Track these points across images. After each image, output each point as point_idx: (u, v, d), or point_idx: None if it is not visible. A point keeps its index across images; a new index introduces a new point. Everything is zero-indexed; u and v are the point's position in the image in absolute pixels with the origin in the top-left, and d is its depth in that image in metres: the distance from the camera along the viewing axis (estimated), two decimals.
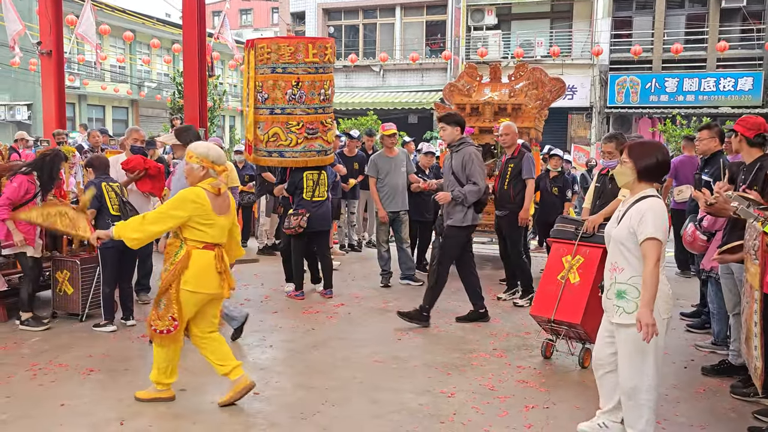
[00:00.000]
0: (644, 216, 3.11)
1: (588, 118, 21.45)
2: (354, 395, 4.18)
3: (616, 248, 3.27)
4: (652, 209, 3.13)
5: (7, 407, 3.90)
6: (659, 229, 3.09)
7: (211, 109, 16.54)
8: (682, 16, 21.05)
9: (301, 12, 24.64)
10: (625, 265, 3.22)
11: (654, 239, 3.07)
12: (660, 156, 3.26)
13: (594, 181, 5.37)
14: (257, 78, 6.50)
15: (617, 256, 3.26)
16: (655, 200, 3.19)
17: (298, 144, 6.51)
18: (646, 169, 3.24)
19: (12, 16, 12.10)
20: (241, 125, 37.07)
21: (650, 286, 3.05)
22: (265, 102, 6.50)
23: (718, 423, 3.88)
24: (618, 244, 3.24)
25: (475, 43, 22.16)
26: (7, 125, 26.63)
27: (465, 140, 5.76)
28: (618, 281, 3.25)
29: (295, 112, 6.49)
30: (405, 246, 7.53)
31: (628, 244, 3.19)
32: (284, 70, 6.44)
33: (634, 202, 3.23)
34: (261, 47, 6.47)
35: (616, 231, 3.26)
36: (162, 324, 3.87)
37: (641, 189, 3.27)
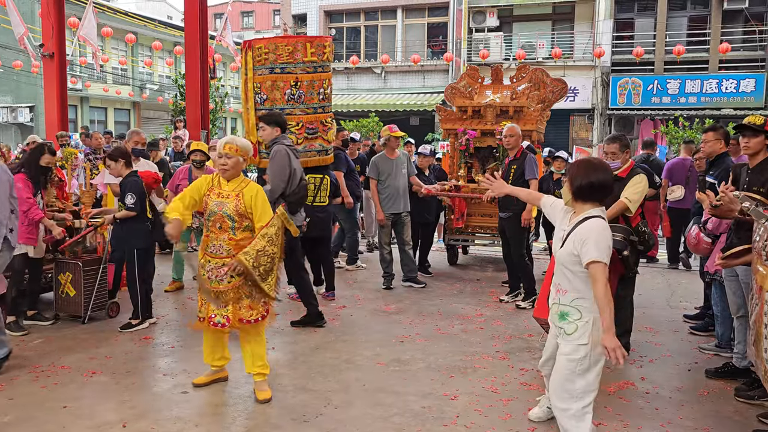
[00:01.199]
0: (586, 240, 3.05)
1: (590, 120, 21.44)
2: (357, 398, 4.17)
3: (560, 269, 3.22)
4: (593, 231, 3.06)
5: (9, 409, 3.90)
6: (603, 251, 3.03)
7: (212, 111, 16.56)
8: (684, 18, 21.03)
9: (303, 14, 24.65)
10: (569, 287, 3.19)
11: (599, 262, 3.01)
12: (596, 178, 3.13)
13: None
14: (255, 79, 6.47)
15: (561, 278, 3.23)
16: (596, 222, 3.11)
17: (298, 144, 6.43)
18: (580, 190, 3.17)
19: (15, 19, 12.13)
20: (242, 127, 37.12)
21: (605, 307, 2.98)
22: (264, 103, 6.46)
23: (722, 426, 3.86)
24: (562, 266, 3.20)
25: (476, 44, 22.17)
26: (9, 127, 26.69)
27: (278, 140, 5.54)
28: (561, 303, 3.23)
29: (295, 112, 6.44)
30: (407, 248, 7.52)
31: (571, 267, 3.14)
32: (282, 70, 6.40)
33: (579, 223, 3.15)
34: (258, 48, 6.43)
35: (560, 253, 3.19)
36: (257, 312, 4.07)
37: (583, 209, 3.19)
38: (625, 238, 4.70)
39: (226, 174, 4.02)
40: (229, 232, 3.97)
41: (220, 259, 3.98)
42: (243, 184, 4.07)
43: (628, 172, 4.95)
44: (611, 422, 3.85)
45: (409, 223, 7.51)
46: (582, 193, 3.17)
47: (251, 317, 4.04)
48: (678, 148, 15.06)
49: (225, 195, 3.99)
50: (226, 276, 3.94)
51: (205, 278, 4.02)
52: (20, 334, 5.38)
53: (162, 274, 7.29)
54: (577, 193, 3.18)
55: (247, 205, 3.98)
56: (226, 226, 3.97)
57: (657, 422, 3.87)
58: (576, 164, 3.30)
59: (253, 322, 4.05)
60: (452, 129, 8.73)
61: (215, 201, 3.99)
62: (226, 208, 3.95)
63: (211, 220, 4.01)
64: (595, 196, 3.17)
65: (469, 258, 9.67)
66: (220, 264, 3.96)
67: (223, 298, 3.99)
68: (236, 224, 3.97)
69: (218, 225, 3.97)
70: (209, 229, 4.03)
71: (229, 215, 3.95)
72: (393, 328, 5.81)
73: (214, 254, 4.01)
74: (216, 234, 3.99)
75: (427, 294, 7.18)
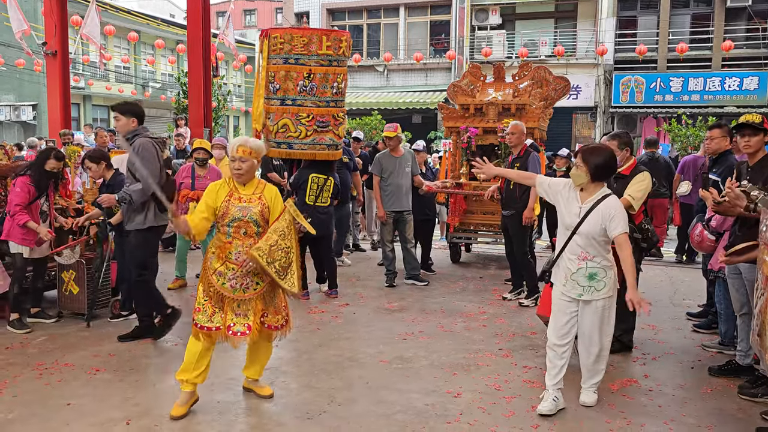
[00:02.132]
0: (614, 216, 3.71)
1: (592, 118, 21.42)
2: (360, 395, 4.18)
3: (587, 240, 3.78)
4: (618, 208, 3.76)
5: (13, 406, 3.91)
6: (627, 223, 3.77)
7: (215, 109, 16.57)
8: (687, 16, 20.98)
9: (305, 12, 24.65)
10: (596, 252, 3.80)
11: (626, 233, 3.72)
12: (607, 157, 3.79)
13: None
14: (269, 68, 6.42)
15: (588, 247, 3.80)
16: (615, 199, 3.82)
17: (307, 136, 6.41)
18: (597, 170, 3.76)
19: (16, 15, 12.15)
20: (246, 123, 37.16)
21: (631, 269, 3.70)
22: (277, 92, 6.41)
23: (726, 423, 3.86)
24: (590, 237, 3.77)
25: (479, 42, 22.15)
26: (12, 125, 26.73)
27: (139, 132, 5.15)
28: (589, 267, 3.81)
29: (306, 104, 6.40)
30: (409, 246, 7.52)
31: (598, 237, 3.76)
32: (296, 61, 6.36)
33: (598, 201, 3.77)
34: (274, 37, 6.39)
35: (588, 227, 3.76)
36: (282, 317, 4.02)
37: (597, 188, 3.82)
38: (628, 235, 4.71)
39: (241, 178, 3.84)
40: (255, 238, 3.80)
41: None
42: (261, 186, 3.93)
43: (631, 170, 4.95)
44: (614, 419, 3.84)
45: (411, 221, 7.51)
46: (599, 173, 3.77)
47: (278, 323, 3.94)
48: (683, 145, 15.06)
49: (247, 199, 3.82)
50: (252, 283, 3.80)
51: (227, 287, 3.79)
52: (23, 331, 5.39)
53: (165, 272, 7.29)
54: (596, 173, 3.76)
55: (271, 207, 3.86)
56: (252, 231, 3.79)
57: (660, 420, 3.87)
58: (586, 150, 3.83)
59: (280, 328, 3.95)
60: (455, 127, 8.73)
61: (237, 206, 3.79)
62: (252, 213, 3.78)
63: (233, 226, 3.79)
64: (607, 175, 3.86)
65: (472, 256, 9.66)
66: (246, 272, 3.78)
67: (246, 307, 3.83)
68: (261, 229, 3.81)
69: (243, 230, 3.78)
70: (231, 236, 3.80)
71: (255, 220, 3.79)
72: (396, 325, 5.81)
73: (240, 261, 3.78)
74: (241, 240, 3.79)
75: (429, 292, 7.19)
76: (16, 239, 5.44)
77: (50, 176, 5.57)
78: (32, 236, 5.48)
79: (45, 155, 5.60)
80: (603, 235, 3.75)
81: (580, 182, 3.80)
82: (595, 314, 3.87)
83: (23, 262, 5.53)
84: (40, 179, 5.48)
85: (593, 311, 3.87)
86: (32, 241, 5.50)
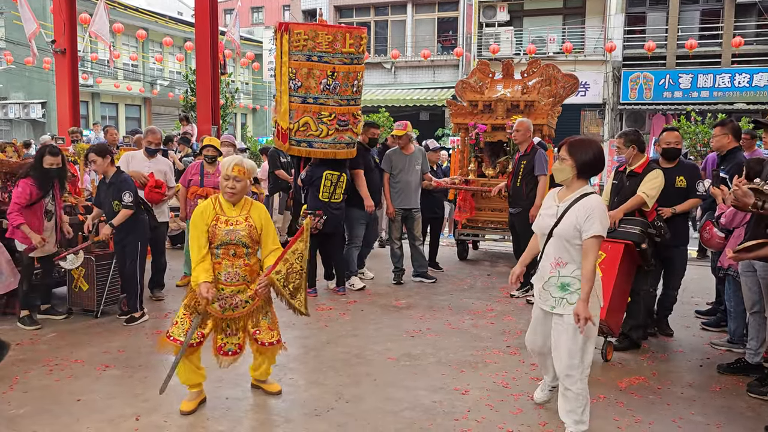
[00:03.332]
0: (592, 214, 3.24)
1: (601, 115, 21.32)
2: (368, 392, 4.19)
3: (560, 244, 3.37)
4: (599, 208, 3.28)
5: (24, 402, 3.94)
6: (604, 227, 3.27)
7: (223, 106, 16.61)
8: (697, 12, 20.85)
9: (313, 9, 24.64)
10: (569, 259, 3.36)
11: (598, 237, 3.24)
12: (596, 152, 3.37)
13: (611, 178, 5.35)
14: (291, 64, 6.29)
15: (561, 252, 3.37)
16: (597, 197, 3.35)
17: (329, 135, 6.37)
18: (584, 165, 3.36)
19: (27, 15, 12.21)
20: (254, 121, 37.20)
21: (590, 281, 3.24)
22: (298, 90, 6.32)
23: (735, 422, 3.84)
24: (563, 240, 3.35)
25: (486, 39, 22.10)
26: (21, 123, 26.89)
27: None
28: (561, 275, 3.38)
29: (328, 102, 6.35)
30: (417, 243, 7.52)
31: (573, 240, 3.31)
32: (320, 58, 6.27)
33: (577, 199, 3.34)
34: (297, 33, 6.25)
35: (561, 228, 3.34)
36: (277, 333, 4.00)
37: (579, 186, 3.40)
38: (642, 231, 4.73)
39: (234, 198, 3.78)
40: (244, 258, 3.79)
41: (236, 286, 3.80)
42: (247, 205, 3.86)
43: (644, 167, 4.97)
44: (623, 417, 3.84)
45: (420, 219, 7.51)
46: (585, 168, 3.37)
47: (273, 339, 3.93)
48: (692, 143, 14.99)
49: (234, 222, 3.76)
50: (241, 303, 3.81)
51: (216, 308, 3.78)
52: (33, 328, 5.44)
53: (173, 268, 7.33)
54: (582, 168, 3.37)
55: (258, 228, 3.81)
56: (241, 252, 3.77)
57: (669, 417, 3.86)
58: (574, 143, 3.43)
59: (275, 344, 3.95)
60: (463, 123, 8.71)
61: (225, 230, 3.73)
62: (239, 235, 3.74)
63: (222, 248, 3.75)
64: (594, 171, 3.41)
65: (480, 253, 9.65)
66: (236, 291, 3.79)
67: (235, 326, 3.86)
68: (249, 250, 3.80)
69: (231, 252, 3.76)
70: (220, 257, 3.76)
71: (243, 242, 3.75)
72: (403, 322, 5.81)
73: (229, 282, 3.78)
74: (230, 261, 3.76)
75: (437, 289, 7.19)
76: (18, 238, 5.46)
77: (52, 174, 5.54)
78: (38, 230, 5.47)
79: (40, 154, 5.56)
80: (578, 239, 3.30)
81: (564, 177, 3.41)
82: (566, 332, 3.36)
83: (29, 259, 5.56)
84: (42, 179, 5.47)
85: (564, 328, 3.38)
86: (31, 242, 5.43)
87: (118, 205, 5.51)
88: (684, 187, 5.12)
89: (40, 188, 5.47)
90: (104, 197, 5.64)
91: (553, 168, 3.51)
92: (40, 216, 5.51)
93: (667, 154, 5.20)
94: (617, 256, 4.68)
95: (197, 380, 3.92)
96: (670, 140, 5.17)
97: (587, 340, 3.37)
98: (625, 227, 4.80)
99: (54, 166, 5.54)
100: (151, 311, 5.95)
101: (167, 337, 3.78)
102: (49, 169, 5.51)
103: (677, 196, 5.11)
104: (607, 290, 4.62)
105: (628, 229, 4.79)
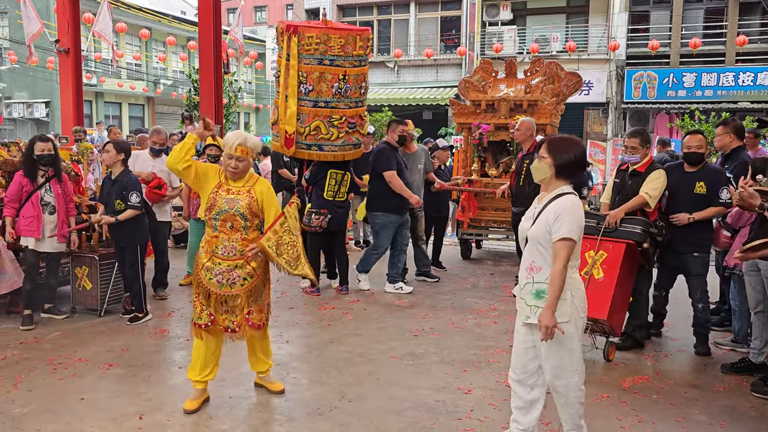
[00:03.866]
0: (561, 215, 2.99)
1: (604, 114, 21.28)
2: (370, 391, 4.19)
3: (534, 247, 3.11)
4: (569, 209, 3.01)
5: (28, 400, 3.95)
6: (574, 229, 2.98)
7: (226, 105, 16.63)
8: (701, 10, 20.80)
9: (316, 8, 24.62)
10: (543, 264, 3.07)
11: (567, 239, 2.96)
12: (578, 152, 3.12)
13: (613, 177, 5.33)
14: (301, 68, 6.20)
15: (535, 255, 3.11)
16: (572, 198, 3.08)
17: (339, 138, 6.33)
18: (564, 166, 3.11)
19: (31, 15, 12.22)
20: (258, 120, 37.20)
21: (556, 287, 2.96)
22: (309, 94, 6.23)
23: (738, 421, 3.83)
24: (536, 243, 3.10)
25: (490, 38, 22.07)
26: (25, 122, 26.94)
27: None
28: (536, 281, 3.09)
29: (339, 106, 6.30)
30: (420, 242, 7.52)
31: (546, 243, 3.05)
32: (332, 62, 6.21)
33: (552, 200, 3.10)
34: (309, 36, 6.16)
35: (533, 230, 3.11)
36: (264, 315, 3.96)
37: (557, 186, 3.14)
38: (644, 230, 4.72)
39: (235, 176, 3.78)
40: (242, 232, 3.73)
41: (233, 261, 3.73)
42: (252, 179, 3.84)
43: (647, 167, 4.96)
44: (626, 417, 3.83)
45: (422, 218, 7.51)
46: (564, 169, 3.12)
47: (261, 321, 3.90)
48: None
49: (235, 191, 3.74)
50: (239, 279, 3.76)
51: (214, 283, 3.76)
52: (27, 328, 5.39)
53: (177, 267, 7.33)
54: (560, 169, 3.11)
55: (260, 201, 3.78)
56: (239, 225, 3.71)
57: (672, 417, 3.85)
58: (554, 141, 3.19)
59: (262, 326, 3.92)
60: (466, 123, 8.70)
61: (225, 198, 3.71)
62: (239, 205, 3.70)
63: (220, 219, 3.71)
64: (574, 172, 3.14)
65: (483, 252, 9.65)
66: (233, 267, 3.73)
67: (233, 303, 3.80)
68: (248, 223, 3.74)
69: (229, 224, 3.70)
70: (218, 229, 3.73)
71: (242, 213, 3.70)
72: (406, 322, 5.81)
73: (226, 256, 3.73)
74: (227, 234, 3.72)
75: (440, 288, 7.18)
76: (21, 231, 5.43)
77: (42, 161, 5.45)
78: (36, 226, 5.42)
79: (30, 144, 5.51)
80: (549, 241, 3.04)
81: (541, 177, 3.20)
82: (549, 343, 3.03)
83: (35, 257, 5.55)
84: (30, 167, 5.42)
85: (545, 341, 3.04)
86: (36, 231, 5.42)
87: (121, 204, 5.50)
88: (703, 194, 4.89)
89: (28, 176, 5.41)
90: (107, 195, 5.65)
91: (531, 166, 3.32)
92: (38, 209, 5.43)
93: (688, 159, 5.00)
94: (619, 255, 4.67)
95: (203, 377, 3.89)
96: (692, 144, 4.98)
97: (571, 351, 3.06)
98: (626, 227, 4.79)
99: (45, 152, 5.44)
100: (154, 310, 5.96)
101: (192, 323, 3.87)
102: (39, 156, 5.42)
103: (696, 202, 4.90)
104: (609, 290, 4.62)
105: (629, 228, 4.78)
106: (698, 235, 4.96)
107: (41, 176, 5.51)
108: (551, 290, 2.96)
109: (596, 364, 4.74)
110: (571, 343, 3.05)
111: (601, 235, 4.76)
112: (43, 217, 5.47)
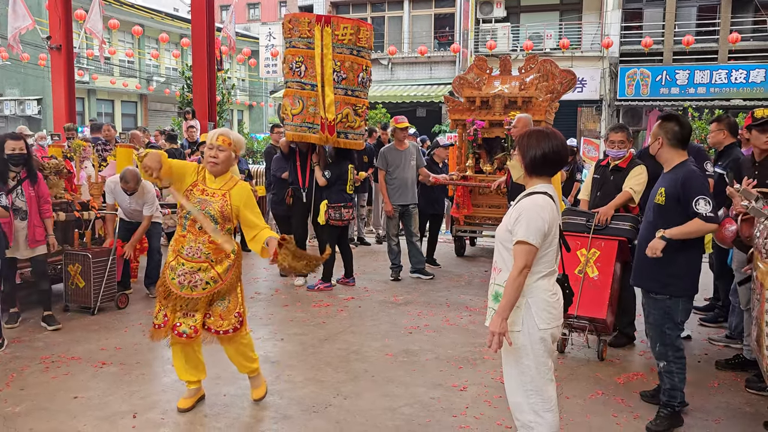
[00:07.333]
0: (520, 216, 2.74)
1: (597, 111, 21.32)
2: (366, 389, 4.18)
3: (497, 247, 2.91)
4: (529, 209, 2.73)
5: (21, 399, 3.93)
6: (531, 232, 2.68)
7: (219, 103, 16.54)
8: (694, 8, 20.85)
9: (309, 5, 24.58)
10: (503, 266, 2.86)
11: (524, 243, 2.70)
12: (549, 147, 2.78)
13: (592, 172, 5.30)
14: (335, 56, 6.43)
15: (497, 256, 2.91)
16: (537, 198, 2.77)
17: (360, 126, 6.64)
18: (533, 162, 2.82)
19: (20, 10, 12.13)
20: (251, 117, 37.10)
21: (509, 292, 2.72)
22: (342, 82, 6.48)
23: (733, 417, 3.85)
24: (498, 243, 2.88)
25: (483, 35, 22.05)
26: (17, 120, 26.78)
27: None
28: (496, 283, 2.90)
29: (361, 95, 6.63)
30: (415, 239, 7.52)
31: (507, 244, 2.82)
32: (358, 53, 6.54)
33: (521, 199, 2.85)
34: (344, 27, 6.43)
35: (498, 229, 2.91)
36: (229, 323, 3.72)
37: (533, 183, 2.86)
38: (633, 226, 4.73)
39: (215, 168, 3.60)
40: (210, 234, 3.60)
41: (197, 263, 3.58)
42: (231, 183, 3.67)
43: (628, 162, 4.99)
44: (621, 413, 3.84)
45: (416, 215, 7.51)
46: (534, 166, 2.83)
47: (221, 328, 3.67)
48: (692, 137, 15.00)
49: (210, 193, 3.59)
50: (202, 282, 3.60)
51: (175, 283, 3.61)
52: (11, 326, 5.32)
53: None
54: (530, 165, 2.84)
55: (234, 207, 3.60)
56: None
57: None
58: (527, 134, 2.89)
59: (222, 334, 3.68)
60: (460, 120, 8.69)
61: (198, 198, 3.56)
62: (210, 207, 3.55)
63: (190, 219, 3.58)
64: (548, 169, 2.84)
65: (477, 249, 9.65)
66: (196, 269, 3.58)
67: (194, 306, 3.61)
68: (218, 227, 3.58)
69: (198, 225, 3.56)
70: (186, 229, 3.60)
71: (212, 216, 3.55)
72: (401, 319, 5.81)
73: (190, 258, 3.58)
74: (195, 235, 3.57)
75: (435, 285, 7.18)
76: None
77: (13, 161, 5.10)
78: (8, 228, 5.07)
79: (0, 143, 5.10)
80: (510, 242, 2.80)
81: (517, 176, 3.04)
82: (504, 352, 2.86)
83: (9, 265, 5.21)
84: (2, 169, 5.07)
85: (504, 348, 2.82)
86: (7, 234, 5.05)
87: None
88: None
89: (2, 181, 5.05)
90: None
91: (508, 164, 3.12)
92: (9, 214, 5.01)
93: None
94: (612, 253, 4.67)
95: (194, 377, 3.87)
96: None
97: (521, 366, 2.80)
98: (616, 224, 4.80)
99: (16, 152, 5.09)
100: (147, 308, 5.93)
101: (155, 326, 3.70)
102: (9, 156, 5.07)
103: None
104: (605, 288, 4.62)
105: (620, 225, 4.80)
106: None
107: (12, 178, 5.16)
108: (504, 296, 2.75)
109: (590, 361, 4.75)
110: (523, 357, 2.79)
111: (592, 233, 4.76)
112: (14, 224, 5.12)
